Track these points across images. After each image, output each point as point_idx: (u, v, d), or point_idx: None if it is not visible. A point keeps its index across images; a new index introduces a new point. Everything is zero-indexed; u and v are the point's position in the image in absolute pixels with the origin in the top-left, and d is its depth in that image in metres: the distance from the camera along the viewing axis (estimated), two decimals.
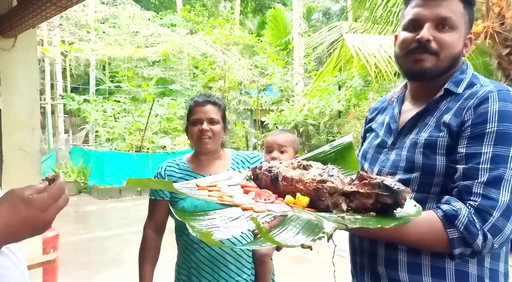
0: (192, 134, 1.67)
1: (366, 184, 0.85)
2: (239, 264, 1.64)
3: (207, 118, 1.66)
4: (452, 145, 0.99)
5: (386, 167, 1.11)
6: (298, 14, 9.67)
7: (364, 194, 0.84)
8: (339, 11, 20.15)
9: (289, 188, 0.94)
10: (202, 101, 1.69)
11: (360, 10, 6.31)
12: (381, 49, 4.76)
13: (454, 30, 1.03)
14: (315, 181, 0.90)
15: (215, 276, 1.60)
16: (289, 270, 4.50)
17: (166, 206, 1.69)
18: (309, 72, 10.65)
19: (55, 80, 12.42)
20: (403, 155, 1.07)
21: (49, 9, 1.92)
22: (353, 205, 0.86)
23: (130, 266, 1.75)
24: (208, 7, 20.12)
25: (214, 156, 1.73)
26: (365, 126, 1.35)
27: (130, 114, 9.98)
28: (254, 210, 0.85)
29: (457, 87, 1.06)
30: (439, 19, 1.02)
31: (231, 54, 9.31)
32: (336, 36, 7.16)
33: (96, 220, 7.08)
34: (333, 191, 0.87)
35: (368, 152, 1.22)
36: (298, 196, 0.89)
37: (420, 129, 1.06)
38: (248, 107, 12.97)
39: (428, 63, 1.03)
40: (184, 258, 1.66)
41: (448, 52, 1.03)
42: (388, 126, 1.19)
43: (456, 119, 1.00)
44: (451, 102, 1.04)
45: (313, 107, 7.73)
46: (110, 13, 9.48)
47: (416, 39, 1.03)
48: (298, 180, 0.93)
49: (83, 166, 9.46)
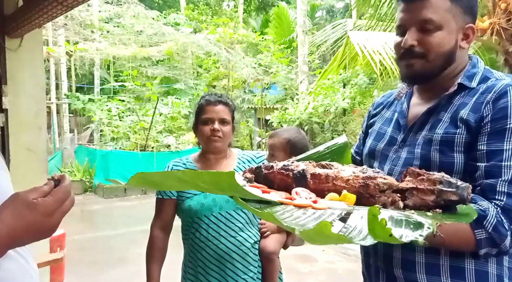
0: (202, 133, 1.67)
1: (423, 180, 0.80)
2: (246, 262, 1.64)
3: (218, 118, 1.66)
4: (470, 141, 0.96)
5: (398, 166, 1.08)
6: (302, 12, 9.64)
7: (424, 190, 0.79)
8: (343, 8, 20.05)
9: (322, 186, 0.88)
10: (214, 101, 1.68)
11: (365, 7, 6.27)
12: (386, 47, 4.73)
13: (441, 29, 1.01)
14: (358, 177, 0.84)
15: (222, 274, 1.61)
16: (294, 268, 4.50)
17: (173, 205, 1.70)
18: (314, 70, 10.62)
19: (60, 80, 12.49)
20: (417, 152, 1.04)
21: (55, 8, 1.93)
22: (411, 203, 0.80)
23: (136, 264, 1.76)
24: (211, 5, 20.11)
25: (221, 155, 1.73)
26: (368, 121, 1.32)
27: (135, 113, 10.01)
28: (314, 207, 0.77)
29: (471, 81, 1.03)
30: (420, 21, 1.01)
31: (235, 53, 9.31)
32: (340, 34, 7.12)
33: (101, 219, 7.11)
34: (385, 188, 0.81)
35: (376, 150, 1.18)
36: (346, 193, 0.83)
37: (433, 126, 1.03)
38: (252, 106, 12.96)
39: (417, 67, 1.03)
40: (191, 256, 1.67)
41: (436, 52, 1.02)
42: (396, 122, 1.15)
43: (474, 115, 0.97)
44: (466, 97, 1.02)
45: (318, 105, 7.71)
46: (114, 12, 9.50)
47: (401, 46, 1.04)
48: (335, 177, 0.87)
49: (89, 165, 9.51)
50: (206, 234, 1.60)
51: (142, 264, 1.77)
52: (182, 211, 1.68)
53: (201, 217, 1.63)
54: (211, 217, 1.62)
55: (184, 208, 1.66)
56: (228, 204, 1.64)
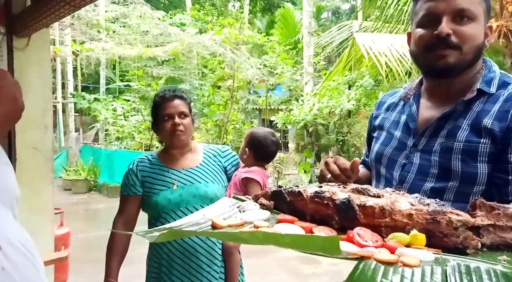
0: (164, 129, 1.68)
1: (499, 214, 0.71)
2: (210, 256, 1.64)
3: (177, 113, 1.68)
4: (495, 152, 0.92)
5: (411, 172, 1.02)
6: (308, 13, 9.62)
7: (502, 227, 0.70)
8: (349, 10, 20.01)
9: (376, 221, 0.75)
10: (169, 96, 1.70)
11: (371, 9, 6.26)
12: (392, 48, 4.72)
13: (474, 20, 0.96)
14: (422, 211, 0.73)
15: (185, 268, 1.61)
16: (297, 270, 4.49)
17: (137, 201, 1.71)
18: (319, 72, 10.59)
19: (66, 79, 12.57)
20: (434, 160, 0.98)
21: (62, 8, 1.94)
22: (488, 242, 0.70)
23: (140, 264, 1.77)
24: (217, 6, 20.16)
25: (186, 149, 1.75)
26: (373, 123, 1.24)
27: (140, 113, 10.05)
28: (405, 263, 0.62)
29: (489, 87, 0.98)
30: (456, 11, 0.95)
31: (240, 54, 9.31)
32: (346, 35, 7.12)
33: (105, 218, 7.14)
34: (459, 225, 0.70)
35: (383, 155, 1.11)
36: (416, 233, 0.70)
37: (451, 133, 0.98)
38: (257, 107, 12.96)
39: (452, 58, 0.96)
40: (156, 250, 1.67)
41: (471, 45, 0.96)
42: (405, 125, 1.09)
43: (500, 124, 0.92)
44: (486, 104, 0.97)
45: (323, 106, 7.68)
46: (121, 12, 9.54)
47: (434, 35, 0.96)
48: (392, 210, 0.74)
49: (93, 164, 9.56)
50: None
51: (134, 264, 1.76)
52: (149, 206, 1.69)
53: (168, 212, 1.64)
54: (178, 212, 1.64)
55: (151, 203, 1.67)
56: (195, 199, 1.66)
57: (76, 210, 7.46)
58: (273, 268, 4.49)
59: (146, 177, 1.70)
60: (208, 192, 1.68)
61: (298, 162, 9.00)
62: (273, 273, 4.41)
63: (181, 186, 1.67)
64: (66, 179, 9.55)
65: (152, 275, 1.69)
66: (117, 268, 1.66)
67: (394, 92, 1.24)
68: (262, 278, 4.20)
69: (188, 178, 1.70)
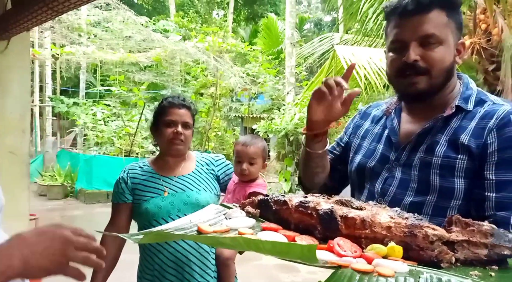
0: (163, 135, 1.65)
1: (474, 231, 0.73)
2: (203, 266, 1.62)
3: (181, 122, 1.65)
4: (472, 167, 0.94)
5: (393, 186, 1.04)
6: (291, 24, 9.79)
7: (476, 243, 0.72)
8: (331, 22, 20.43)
9: (357, 232, 0.77)
10: (178, 103, 1.67)
11: (351, 22, 6.42)
12: (371, 62, 4.86)
13: (442, 44, 0.98)
14: (401, 224, 0.75)
15: (178, 277, 1.58)
16: (276, 278, 4.51)
17: (128, 210, 1.67)
18: (300, 82, 10.75)
19: (45, 82, 12.30)
20: (414, 174, 1.00)
21: (45, 13, 1.93)
22: (462, 257, 0.72)
23: (118, 271, 1.74)
24: (201, 13, 20.22)
25: (180, 158, 1.73)
26: (355, 130, 1.24)
27: (120, 118, 9.92)
28: (381, 273, 0.64)
29: (467, 103, 1.00)
30: (422, 37, 0.97)
31: (223, 62, 9.36)
32: (327, 47, 7.26)
33: (82, 224, 6.93)
34: (435, 239, 0.72)
35: (366, 167, 1.12)
36: (393, 245, 0.72)
37: (430, 148, 1.00)
38: (239, 115, 13.01)
39: (422, 84, 0.98)
40: (147, 260, 1.63)
41: (439, 68, 0.98)
42: (387, 139, 1.11)
43: (476, 141, 0.94)
44: (464, 121, 0.99)
45: (304, 116, 7.79)
46: (103, 17, 9.46)
47: (402, 61, 0.99)
48: (372, 222, 0.76)
49: (71, 170, 9.35)
50: None
51: (123, 270, 1.74)
52: (139, 214, 1.65)
53: (158, 220, 1.61)
54: (169, 220, 1.59)
55: (141, 211, 1.63)
56: (187, 207, 1.62)
57: (51, 216, 7.27)
58: (253, 276, 4.49)
59: (136, 184, 1.67)
60: (200, 200, 1.65)
61: (279, 170, 9.07)
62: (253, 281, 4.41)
63: (172, 193, 1.64)
64: (41, 184, 9.30)
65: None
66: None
67: (379, 104, 1.25)
68: None
69: (180, 185, 1.67)
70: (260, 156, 1.69)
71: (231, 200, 1.70)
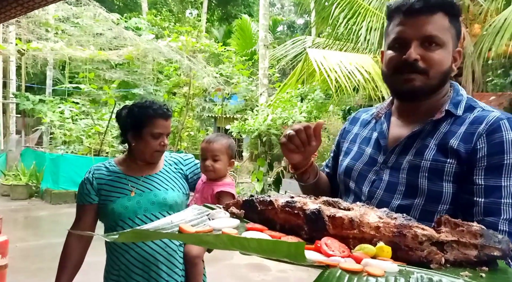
0: (149, 146, 1.64)
1: (463, 231, 0.72)
2: (171, 265, 1.62)
3: (166, 133, 1.68)
4: (460, 172, 0.94)
5: (380, 189, 1.04)
6: (264, 26, 9.89)
7: (466, 244, 0.71)
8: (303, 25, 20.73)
9: (345, 232, 0.76)
10: (165, 115, 1.66)
11: (323, 26, 6.59)
12: (342, 65, 5.00)
13: (442, 47, 0.99)
14: (390, 224, 0.74)
15: (145, 277, 1.58)
16: (247, 277, 4.56)
17: (94, 211, 1.66)
18: (273, 83, 10.87)
19: (9, 78, 11.80)
20: (402, 177, 1.01)
21: (14, 9, 1.89)
22: (451, 258, 0.71)
23: (85, 273, 1.72)
24: (174, 12, 20.00)
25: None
26: (344, 136, 1.25)
27: (90, 117, 9.67)
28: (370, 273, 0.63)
29: (457, 109, 1.01)
30: (425, 37, 0.98)
31: (197, 62, 9.32)
32: (300, 50, 7.40)
33: (48, 225, 6.76)
34: (424, 239, 0.71)
35: (353, 169, 1.13)
36: (382, 245, 0.71)
37: (419, 151, 1.00)
38: (212, 115, 12.98)
39: (418, 82, 0.99)
40: (113, 261, 1.63)
41: (437, 70, 0.99)
42: (376, 142, 1.11)
43: (465, 146, 0.95)
44: (453, 126, 0.99)
45: (276, 117, 7.91)
46: (72, 13, 9.19)
47: (403, 59, 0.99)
48: (360, 222, 0.75)
49: (36, 169, 9.04)
50: None
51: (90, 273, 1.72)
52: (106, 215, 1.64)
53: (125, 220, 1.60)
54: (136, 220, 1.59)
55: (107, 211, 1.62)
56: (154, 206, 1.62)
57: (15, 217, 7.00)
58: (223, 276, 4.51)
59: (102, 185, 1.66)
60: (168, 199, 1.65)
61: (252, 171, 9.13)
62: (223, 281, 4.44)
63: (139, 193, 1.64)
64: (4, 184, 8.93)
65: None
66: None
67: (367, 109, 1.26)
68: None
69: (147, 184, 1.67)
70: (225, 153, 1.68)
71: (199, 199, 1.71)
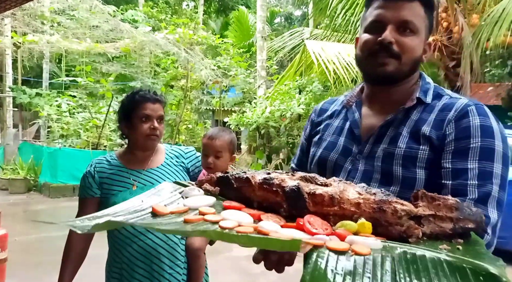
0: (139, 130, 1.63)
1: (439, 205, 0.73)
2: (173, 257, 1.62)
3: (156, 116, 1.65)
4: (433, 158, 0.97)
5: (356, 178, 1.05)
6: (262, 18, 9.82)
7: (442, 217, 0.72)
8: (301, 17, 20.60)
9: (325, 209, 0.75)
10: (151, 98, 1.66)
11: (321, 17, 6.55)
12: (340, 56, 4.98)
13: (416, 34, 1.01)
14: (369, 200, 0.74)
15: (147, 270, 1.58)
16: (246, 269, 4.58)
17: (96, 204, 1.66)
18: (271, 75, 10.83)
19: (5, 71, 11.71)
20: (377, 166, 1.02)
21: (9, 1, 1.86)
22: (428, 231, 0.72)
23: (83, 266, 1.72)
24: (171, 4, 19.81)
25: (150, 152, 1.72)
26: (312, 129, 1.25)
27: (87, 110, 9.63)
28: (357, 251, 0.63)
29: (426, 97, 1.04)
30: (401, 22, 1.00)
31: (194, 54, 9.26)
32: (298, 41, 7.37)
33: (47, 219, 6.76)
34: (403, 214, 0.71)
35: (328, 160, 1.12)
36: (364, 221, 0.72)
37: (393, 139, 1.02)
38: (210, 108, 12.94)
39: (391, 67, 1.01)
40: (116, 254, 1.63)
41: (409, 56, 1.01)
42: (349, 132, 1.12)
43: (437, 132, 0.98)
44: (423, 113, 1.02)
45: (275, 110, 7.89)
46: (68, 4, 9.09)
47: (378, 41, 1.00)
48: (340, 198, 0.74)
49: (34, 163, 9.03)
50: (132, 230, 1.57)
51: (89, 266, 1.71)
52: (107, 208, 1.65)
53: None
54: None
55: (109, 205, 1.55)
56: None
57: (14, 211, 6.99)
58: (223, 268, 4.53)
59: (104, 178, 1.65)
60: None
61: (250, 163, 9.14)
62: (224, 273, 4.46)
63: (141, 186, 1.64)
64: (2, 178, 8.92)
65: (112, 281, 1.63)
66: (71, 277, 1.60)
67: (334, 100, 1.27)
68: (212, 278, 4.22)
69: (149, 178, 1.67)
70: (227, 149, 1.66)
71: None
